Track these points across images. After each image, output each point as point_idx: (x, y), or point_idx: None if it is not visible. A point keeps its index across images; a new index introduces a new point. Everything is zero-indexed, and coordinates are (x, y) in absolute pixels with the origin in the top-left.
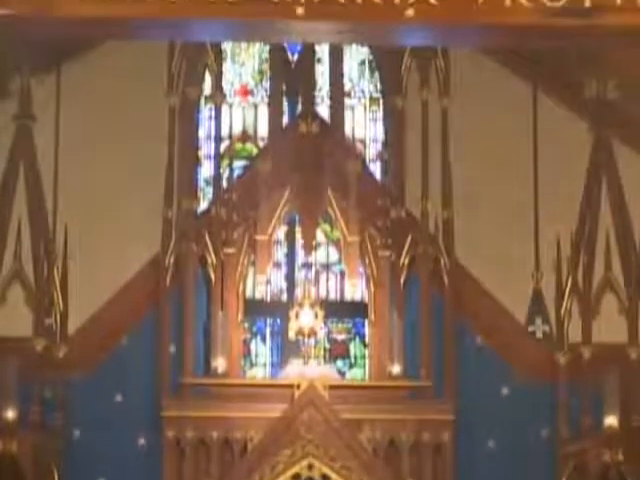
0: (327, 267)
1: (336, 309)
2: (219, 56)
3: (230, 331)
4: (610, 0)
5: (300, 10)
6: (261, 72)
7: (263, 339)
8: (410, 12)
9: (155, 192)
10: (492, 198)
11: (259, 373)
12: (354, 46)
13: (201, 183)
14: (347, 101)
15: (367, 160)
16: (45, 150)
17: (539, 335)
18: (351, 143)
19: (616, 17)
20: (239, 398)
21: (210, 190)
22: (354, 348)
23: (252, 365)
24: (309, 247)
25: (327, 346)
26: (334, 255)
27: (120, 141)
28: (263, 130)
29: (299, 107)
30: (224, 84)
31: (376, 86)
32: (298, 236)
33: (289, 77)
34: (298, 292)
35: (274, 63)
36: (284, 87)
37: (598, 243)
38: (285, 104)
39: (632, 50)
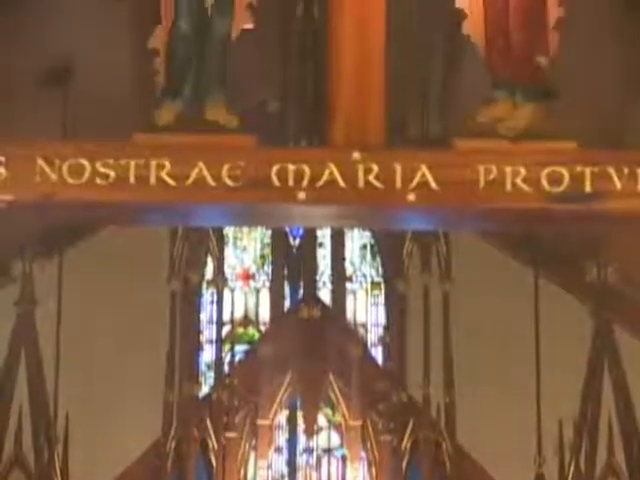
0: (329, 451)
1: None
2: (221, 241)
3: None
4: (610, 185)
5: (301, 195)
6: (263, 257)
7: None
8: (411, 197)
9: (156, 376)
10: (494, 381)
11: None
12: (355, 230)
13: (202, 367)
14: (348, 285)
15: (369, 344)
16: (46, 335)
17: None
18: (353, 328)
19: (617, 203)
20: None
21: (211, 374)
22: None
23: None
24: (310, 431)
25: None
26: (336, 439)
27: (121, 325)
28: (265, 314)
29: (301, 291)
30: (226, 268)
31: (377, 270)
32: (300, 420)
33: (291, 261)
34: (299, 477)
35: (276, 247)
36: (285, 271)
37: (601, 427)
38: (286, 288)
39: (633, 235)
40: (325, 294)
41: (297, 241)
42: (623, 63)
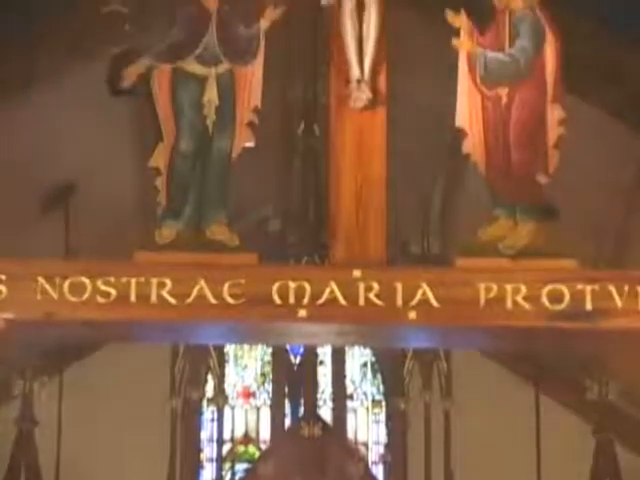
0: None
1: None
2: (221, 358)
3: None
4: (611, 303)
5: (302, 312)
6: (263, 374)
7: None
8: (412, 315)
9: None
10: None
11: None
12: (356, 348)
13: None
14: (349, 403)
15: (369, 463)
16: (46, 453)
17: None
18: (354, 446)
19: (618, 321)
20: None
21: None
22: None
23: None
24: None
25: None
26: None
27: (121, 443)
28: (265, 432)
29: (301, 409)
30: (226, 386)
31: (378, 388)
32: None
33: (291, 379)
34: None
35: (276, 365)
36: (286, 389)
37: None
38: (287, 406)
39: (634, 353)
40: (326, 412)
41: (298, 359)
42: (622, 180)
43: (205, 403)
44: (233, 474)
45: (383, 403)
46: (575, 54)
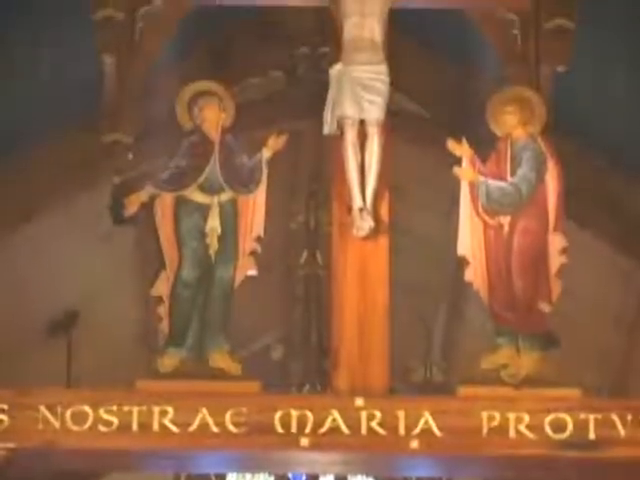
0: None
1: None
2: None
3: None
4: (614, 433)
5: (304, 441)
6: None
7: None
8: (415, 444)
9: None
10: None
11: None
12: (359, 476)
13: None
14: None
15: None
16: None
17: None
18: None
19: (621, 450)
20: None
21: None
22: None
23: None
24: None
25: None
26: None
27: None
28: None
29: None
30: None
31: None
32: None
33: None
34: None
35: None
36: None
37: None
38: None
39: None
40: None
41: None
42: (624, 309)
43: None
44: None
45: None
46: (576, 184)
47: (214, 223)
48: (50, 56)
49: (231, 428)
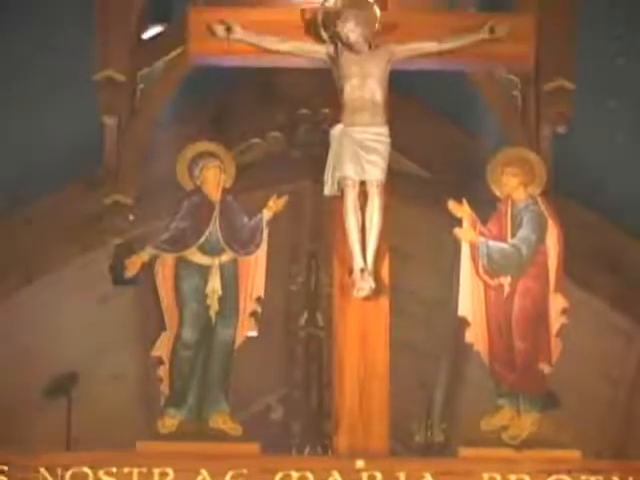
0: None
1: None
2: None
3: None
4: None
5: None
6: None
7: None
8: None
9: None
10: None
11: None
12: None
13: None
14: None
15: None
16: None
17: None
18: None
19: None
20: None
21: None
22: None
23: None
24: None
25: None
26: None
27: None
28: None
29: None
30: None
31: None
32: None
33: None
34: None
35: None
36: None
37: None
38: None
39: None
40: None
41: None
42: (625, 370)
43: None
44: None
45: None
46: (576, 244)
47: (215, 284)
48: (50, 119)
49: None
